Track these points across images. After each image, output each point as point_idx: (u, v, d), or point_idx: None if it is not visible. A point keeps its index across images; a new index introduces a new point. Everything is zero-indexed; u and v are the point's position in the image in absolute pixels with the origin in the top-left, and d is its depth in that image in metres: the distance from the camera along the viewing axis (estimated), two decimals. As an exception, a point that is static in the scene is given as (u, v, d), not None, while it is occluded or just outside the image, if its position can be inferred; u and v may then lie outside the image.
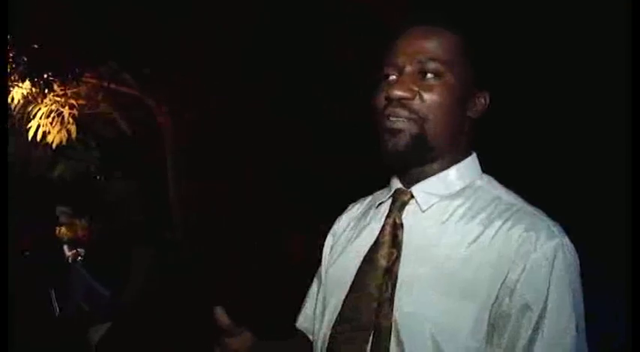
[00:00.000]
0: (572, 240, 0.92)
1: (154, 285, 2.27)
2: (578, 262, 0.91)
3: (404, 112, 0.94)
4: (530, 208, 0.95)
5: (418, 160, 0.98)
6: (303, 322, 1.19)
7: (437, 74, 0.94)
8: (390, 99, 0.95)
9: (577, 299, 0.90)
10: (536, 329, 0.87)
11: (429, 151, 0.97)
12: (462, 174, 0.99)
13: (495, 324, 0.89)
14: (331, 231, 1.17)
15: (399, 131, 0.94)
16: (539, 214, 0.94)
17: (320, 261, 1.16)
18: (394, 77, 0.97)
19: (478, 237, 0.92)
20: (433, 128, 0.95)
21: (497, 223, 0.92)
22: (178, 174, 6.08)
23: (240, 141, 6.36)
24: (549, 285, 0.88)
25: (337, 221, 1.17)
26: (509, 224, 0.92)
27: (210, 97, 5.90)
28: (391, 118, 0.95)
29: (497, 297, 0.89)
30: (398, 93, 0.94)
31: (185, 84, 5.79)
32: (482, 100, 0.99)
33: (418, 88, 0.94)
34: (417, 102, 0.94)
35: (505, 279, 0.88)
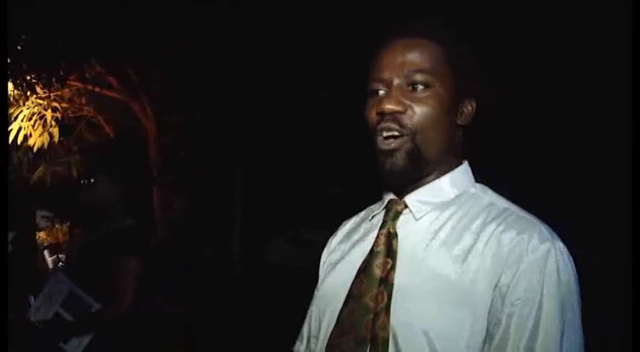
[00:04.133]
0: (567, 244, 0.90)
1: (142, 295, 2.19)
2: (572, 265, 0.89)
3: (396, 126, 0.95)
4: (523, 213, 0.95)
5: (416, 175, 0.98)
6: (299, 346, 1.12)
7: (426, 85, 0.95)
8: (382, 114, 0.95)
9: (572, 303, 0.87)
10: (527, 338, 0.84)
11: (425, 164, 0.97)
12: (455, 183, 1.00)
13: (489, 331, 0.87)
14: (326, 248, 1.15)
15: (394, 151, 0.95)
16: (532, 218, 0.94)
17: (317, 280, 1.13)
18: (383, 92, 0.97)
19: (473, 244, 0.91)
20: (426, 140, 0.95)
21: (490, 228, 0.92)
22: (163, 178, 6.00)
23: (225, 145, 6.31)
24: (542, 291, 0.86)
25: (331, 237, 1.16)
26: (501, 228, 0.91)
27: (195, 101, 5.85)
28: (384, 133, 0.95)
29: (491, 303, 0.87)
30: (389, 107, 0.94)
31: (170, 88, 5.73)
32: (469, 107, 1.00)
33: (409, 101, 0.95)
34: (408, 115, 0.95)
35: (497, 283, 0.87)
